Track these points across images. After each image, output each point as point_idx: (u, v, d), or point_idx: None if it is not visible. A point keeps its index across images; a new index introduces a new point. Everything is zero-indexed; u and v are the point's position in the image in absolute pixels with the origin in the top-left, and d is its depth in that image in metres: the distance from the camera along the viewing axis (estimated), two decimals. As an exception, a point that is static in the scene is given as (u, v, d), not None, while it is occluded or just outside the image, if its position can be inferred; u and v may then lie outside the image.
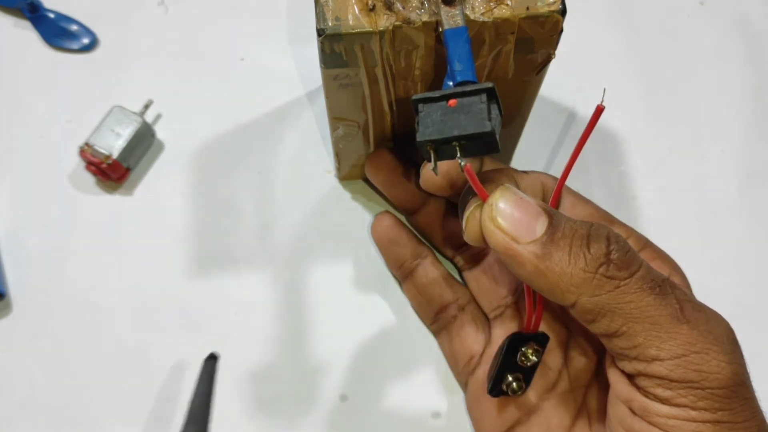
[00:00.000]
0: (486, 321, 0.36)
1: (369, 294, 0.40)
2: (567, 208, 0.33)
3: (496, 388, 0.32)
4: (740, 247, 0.42)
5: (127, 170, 0.42)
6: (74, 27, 0.46)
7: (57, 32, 0.46)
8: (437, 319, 0.37)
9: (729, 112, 0.45)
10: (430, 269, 0.38)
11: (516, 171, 0.33)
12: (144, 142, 0.42)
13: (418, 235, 0.39)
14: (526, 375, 0.32)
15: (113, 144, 0.40)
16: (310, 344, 0.39)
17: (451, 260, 0.39)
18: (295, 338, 0.39)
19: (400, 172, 0.38)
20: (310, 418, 0.37)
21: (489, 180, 0.31)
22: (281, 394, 0.38)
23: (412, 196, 0.38)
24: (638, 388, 0.27)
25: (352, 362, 0.38)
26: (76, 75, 0.45)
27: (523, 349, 0.31)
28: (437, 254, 0.39)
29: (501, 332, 0.34)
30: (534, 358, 0.31)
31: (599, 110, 0.26)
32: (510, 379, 0.32)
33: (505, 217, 0.27)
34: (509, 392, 0.32)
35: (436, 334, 0.38)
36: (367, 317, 0.39)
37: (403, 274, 0.38)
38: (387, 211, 0.40)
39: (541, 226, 0.26)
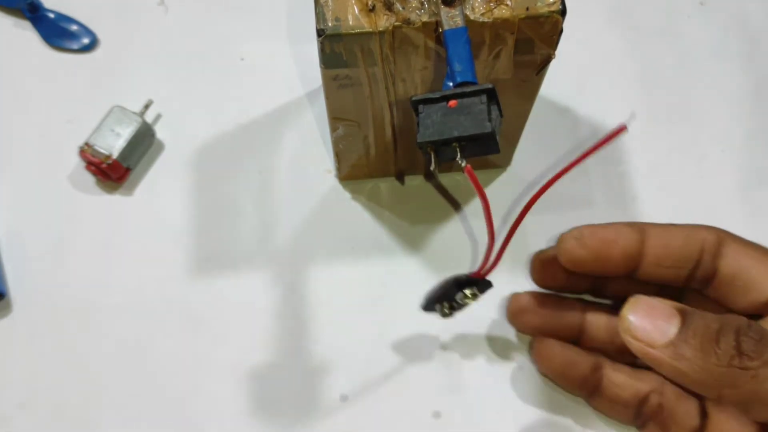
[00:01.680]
0: (693, 396, 0.35)
1: (369, 294, 0.40)
2: (730, 259, 0.32)
3: (428, 306, 0.35)
4: (740, 247, 0.42)
5: (127, 170, 0.42)
6: (74, 27, 0.46)
7: (57, 32, 0.46)
8: (640, 414, 0.36)
9: (729, 112, 0.45)
10: (614, 375, 0.36)
11: (651, 225, 0.33)
12: (144, 142, 0.42)
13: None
14: (457, 308, 0.35)
15: (113, 144, 0.40)
16: (310, 344, 0.39)
17: None
18: (295, 338, 0.39)
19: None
20: (310, 418, 0.37)
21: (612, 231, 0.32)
22: (281, 394, 0.38)
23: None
24: None
25: (352, 362, 0.38)
26: (76, 75, 0.45)
27: (465, 290, 0.33)
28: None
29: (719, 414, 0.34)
30: (468, 301, 0.34)
31: (620, 130, 0.26)
32: (445, 305, 0.34)
33: (637, 328, 0.28)
34: (439, 313, 0.34)
35: (642, 428, 0.36)
36: (367, 317, 0.39)
37: (589, 391, 0.36)
38: (542, 338, 0.37)
39: (674, 327, 0.27)
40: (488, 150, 0.27)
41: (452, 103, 0.27)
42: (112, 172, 0.41)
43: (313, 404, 0.38)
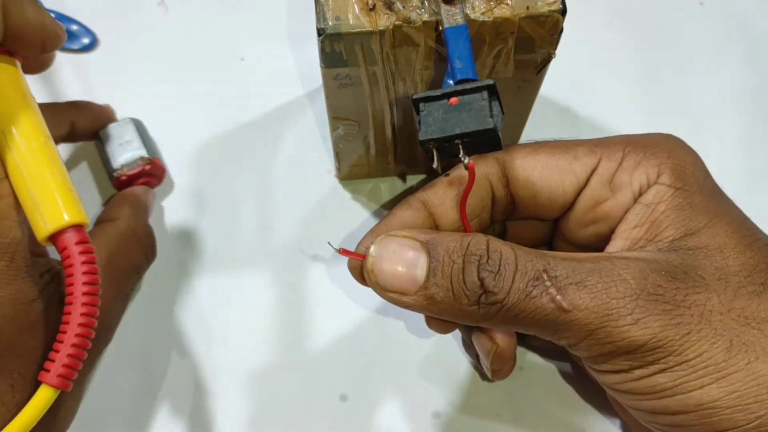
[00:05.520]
0: None
1: (369, 294, 0.40)
2: (520, 181, 0.31)
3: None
4: (740, 247, 0.42)
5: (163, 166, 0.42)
6: (74, 27, 0.46)
7: (57, 32, 0.46)
8: None
9: (729, 112, 0.45)
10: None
11: (432, 193, 0.31)
12: (148, 134, 0.42)
13: None
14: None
15: (135, 148, 0.40)
16: (310, 344, 0.39)
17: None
18: (295, 338, 0.39)
19: None
20: (310, 418, 0.37)
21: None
22: (281, 394, 0.38)
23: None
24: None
25: (352, 362, 0.38)
26: (76, 75, 0.45)
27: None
28: None
29: None
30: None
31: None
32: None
33: (386, 281, 0.28)
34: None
35: None
36: (368, 317, 0.39)
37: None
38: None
39: (421, 270, 0.27)
40: (491, 147, 0.27)
41: (453, 100, 0.27)
42: (157, 170, 0.41)
43: (313, 404, 0.37)
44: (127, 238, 0.36)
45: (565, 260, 0.27)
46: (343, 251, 0.29)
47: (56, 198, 0.28)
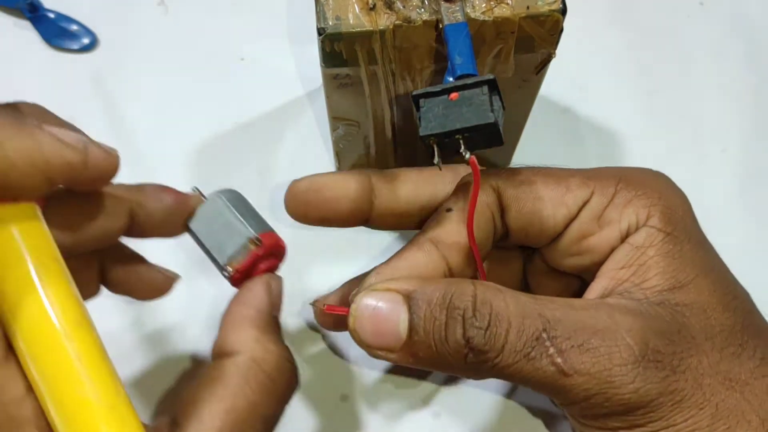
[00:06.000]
0: None
1: (369, 294, 0.40)
2: (514, 212, 0.31)
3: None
4: (740, 247, 0.41)
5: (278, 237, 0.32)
6: (74, 27, 0.46)
7: (57, 32, 0.46)
8: None
9: (729, 112, 0.45)
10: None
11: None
12: (246, 203, 0.32)
13: None
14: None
15: (237, 232, 0.30)
16: (310, 344, 0.39)
17: None
18: (295, 338, 0.39)
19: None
20: (310, 418, 0.37)
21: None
22: (281, 394, 0.38)
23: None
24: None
25: (352, 362, 0.38)
26: (76, 75, 0.45)
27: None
28: None
29: None
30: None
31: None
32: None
33: (370, 341, 0.26)
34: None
35: None
36: (367, 317, 0.39)
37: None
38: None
39: (403, 326, 0.26)
40: (491, 142, 0.27)
41: (453, 95, 0.27)
42: (274, 248, 0.31)
43: (313, 404, 0.37)
44: (253, 381, 0.26)
45: (562, 311, 0.26)
46: (328, 308, 0.28)
47: (93, 421, 0.20)
